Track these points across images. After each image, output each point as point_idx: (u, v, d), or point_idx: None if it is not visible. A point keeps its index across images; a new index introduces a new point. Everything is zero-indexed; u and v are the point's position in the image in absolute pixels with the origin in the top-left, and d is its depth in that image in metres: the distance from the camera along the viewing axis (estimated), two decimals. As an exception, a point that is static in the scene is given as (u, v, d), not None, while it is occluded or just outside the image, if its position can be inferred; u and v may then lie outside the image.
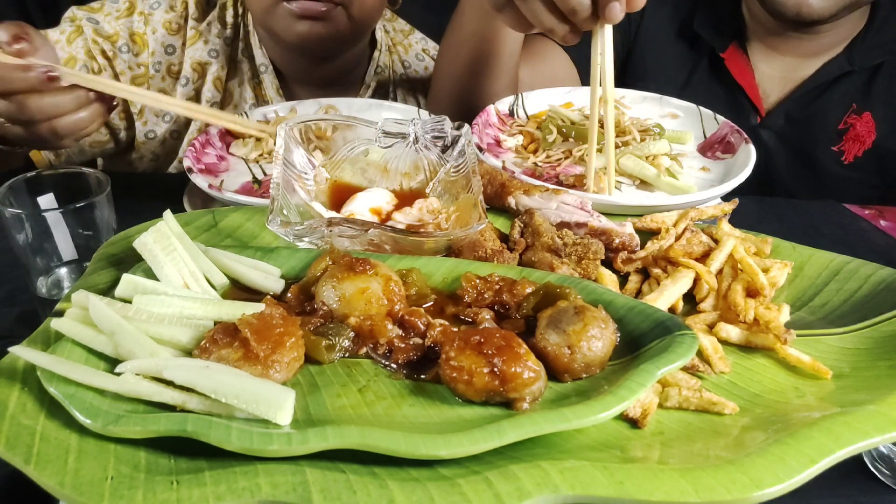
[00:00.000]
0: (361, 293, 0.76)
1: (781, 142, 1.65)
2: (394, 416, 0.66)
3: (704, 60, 1.70)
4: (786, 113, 1.64)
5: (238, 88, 1.61)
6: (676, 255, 0.90)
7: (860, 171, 1.64)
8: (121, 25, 1.50)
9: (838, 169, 1.64)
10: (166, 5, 1.55)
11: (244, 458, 0.59)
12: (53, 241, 0.97)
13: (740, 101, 1.66)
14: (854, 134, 1.61)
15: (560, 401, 0.68)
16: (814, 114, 1.63)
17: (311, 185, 0.97)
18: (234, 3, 1.59)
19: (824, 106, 1.62)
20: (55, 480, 0.56)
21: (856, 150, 1.62)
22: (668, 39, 1.73)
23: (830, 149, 1.63)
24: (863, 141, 1.61)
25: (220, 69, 1.57)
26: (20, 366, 0.67)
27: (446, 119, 0.97)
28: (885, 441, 0.63)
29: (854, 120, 1.61)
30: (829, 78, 1.60)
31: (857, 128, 1.60)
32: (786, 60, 1.64)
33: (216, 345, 0.67)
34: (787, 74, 1.65)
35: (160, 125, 1.57)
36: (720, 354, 0.78)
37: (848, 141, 1.62)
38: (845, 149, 1.63)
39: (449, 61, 1.50)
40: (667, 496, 0.56)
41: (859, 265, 0.92)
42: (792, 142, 1.65)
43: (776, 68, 1.65)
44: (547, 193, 1.02)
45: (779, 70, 1.65)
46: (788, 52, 1.63)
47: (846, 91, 1.61)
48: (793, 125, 1.64)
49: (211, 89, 1.57)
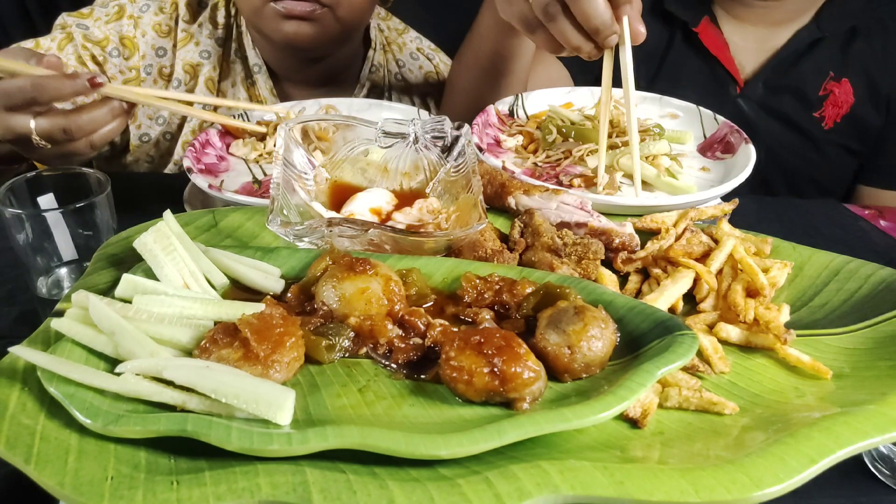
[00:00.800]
0: (361, 293, 0.76)
1: (762, 110, 1.68)
2: (394, 416, 0.66)
3: (679, 36, 1.72)
4: (764, 82, 1.67)
5: (231, 89, 1.61)
6: (676, 255, 0.90)
7: (840, 136, 1.68)
8: (110, 30, 1.50)
9: (819, 134, 1.68)
10: (155, 7, 1.54)
11: (244, 458, 0.59)
12: (53, 241, 0.97)
13: (718, 73, 1.69)
14: (833, 100, 1.65)
15: (560, 401, 0.68)
16: (791, 81, 1.66)
17: (311, 185, 0.97)
18: (225, 3, 1.58)
19: (801, 73, 1.66)
20: (55, 480, 0.56)
21: (835, 115, 1.66)
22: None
23: (811, 115, 1.67)
24: (841, 106, 1.65)
25: (212, 70, 1.57)
26: (20, 366, 0.67)
27: (446, 119, 0.97)
28: (885, 441, 0.63)
29: (833, 86, 1.65)
30: (802, 45, 1.64)
31: (836, 94, 1.65)
32: (757, 30, 1.68)
33: (216, 345, 0.67)
34: (759, 44, 1.68)
35: (154, 128, 1.57)
36: (720, 354, 0.78)
37: (828, 107, 1.66)
38: (825, 114, 1.67)
39: (465, 77, 1.54)
40: (667, 496, 0.56)
41: (859, 265, 0.92)
42: (772, 110, 1.68)
43: (748, 39, 1.69)
44: (547, 193, 1.02)
45: (751, 41, 1.68)
46: (758, 22, 1.67)
47: (822, 58, 1.65)
48: (771, 93, 1.67)
49: (203, 90, 1.56)
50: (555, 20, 1.04)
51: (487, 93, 1.48)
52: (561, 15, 1.03)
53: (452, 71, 1.62)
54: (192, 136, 1.57)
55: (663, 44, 1.74)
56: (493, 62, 1.45)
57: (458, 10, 1.43)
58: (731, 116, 1.36)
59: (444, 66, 1.83)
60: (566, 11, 1.02)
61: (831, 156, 1.69)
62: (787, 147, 1.69)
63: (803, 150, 1.69)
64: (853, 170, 1.74)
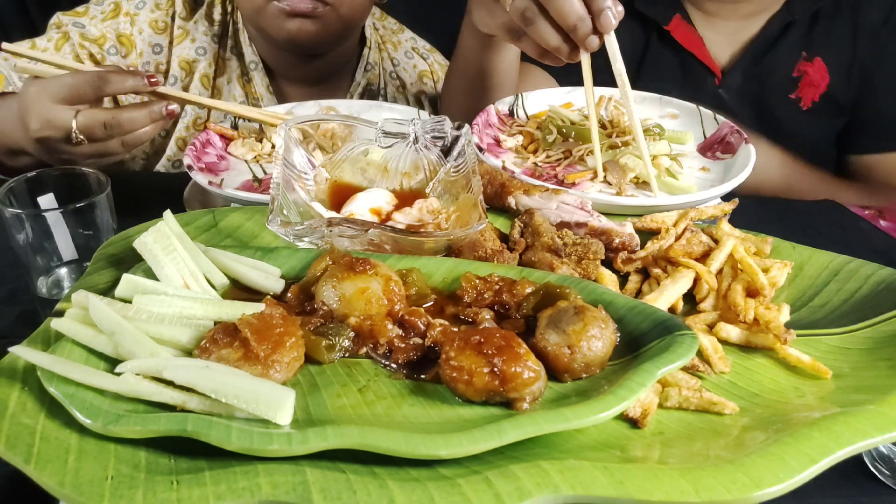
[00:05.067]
0: (361, 293, 0.76)
1: (742, 100, 1.70)
2: (394, 416, 0.66)
3: (654, 36, 1.74)
4: (741, 72, 1.69)
5: (227, 86, 1.61)
6: (676, 255, 0.90)
7: (819, 115, 1.70)
8: (107, 27, 1.50)
9: (798, 115, 1.70)
10: (152, 4, 1.54)
11: (244, 457, 0.59)
12: (53, 241, 0.97)
13: (695, 67, 1.71)
14: (808, 80, 1.67)
15: (560, 401, 0.68)
16: (767, 67, 1.68)
17: (311, 185, 0.97)
18: (221, 0, 1.59)
19: (775, 58, 1.67)
20: (55, 480, 0.56)
21: (812, 94, 1.68)
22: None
23: (788, 97, 1.69)
24: (817, 85, 1.67)
25: (207, 67, 1.58)
26: (20, 366, 0.67)
27: (446, 119, 0.97)
28: (885, 441, 0.63)
29: (806, 66, 1.66)
30: (775, 31, 1.66)
31: (810, 74, 1.66)
32: (728, 24, 1.70)
33: (216, 345, 0.67)
34: (733, 36, 1.70)
35: None
36: (720, 354, 0.78)
37: (804, 87, 1.67)
38: (802, 95, 1.68)
39: (455, 88, 1.58)
40: (667, 496, 0.56)
41: (859, 265, 0.92)
42: (752, 97, 1.70)
43: (721, 32, 1.70)
44: (547, 193, 1.02)
45: (724, 34, 1.70)
46: (729, 16, 1.69)
47: (793, 40, 1.67)
48: (749, 82, 1.69)
49: (198, 86, 1.57)
50: (533, 23, 1.07)
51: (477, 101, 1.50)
52: (539, 17, 1.06)
53: (444, 90, 1.66)
54: (185, 133, 1.57)
55: (640, 45, 1.76)
56: (480, 78, 1.48)
57: (452, 11, 1.44)
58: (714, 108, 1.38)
59: (439, 65, 1.84)
60: (543, 13, 1.05)
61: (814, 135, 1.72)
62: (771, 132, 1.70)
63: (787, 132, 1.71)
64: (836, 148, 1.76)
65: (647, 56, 1.75)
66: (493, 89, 1.49)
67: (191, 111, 1.58)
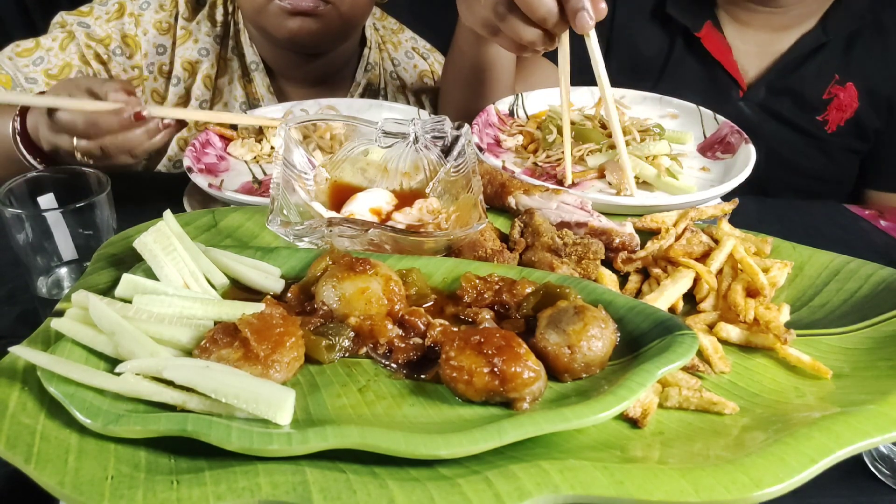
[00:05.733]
0: (361, 293, 0.76)
1: (765, 114, 1.68)
2: (394, 416, 0.66)
3: (680, 41, 1.72)
4: (767, 86, 1.67)
5: (228, 86, 1.61)
6: (676, 255, 0.90)
7: (843, 139, 1.67)
8: (112, 28, 1.50)
9: (822, 138, 1.68)
10: (156, 5, 1.54)
11: (244, 457, 0.59)
12: (53, 241, 0.97)
13: (720, 77, 1.69)
14: (838, 104, 1.64)
15: (560, 401, 0.68)
16: (794, 85, 1.66)
17: (311, 185, 0.97)
18: (223, 1, 1.59)
19: (804, 77, 1.65)
20: (55, 480, 0.56)
21: (839, 119, 1.65)
22: (642, 25, 1.76)
23: (814, 118, 1.66)
24: (846, 110, 1.64)
25: (210, 67, 1.58)
26: (20, 366, 0.67)
27: (446, 119, 0.97)
28: (885, 441, 0.63)
29: (838, 90, 1.63)
30: (806, 49, 1.63)
31: (840, 97, 1.63)
32: (759, 35, 1.67)
33: (216, 345, 0.67)
34: (763, 48, 1.67)
35: None
36: (720, 354, 0.78)
37: (832, 110, 1.65)
38: (829, 118, 1.65)
39: (452, 91, 1.58)
40: (667, 496, 0.56)
41: (859, 265, 0.92)
42: (774, 113, 1.68)
43: (751, 43, 1.68)
44: (547, 193, 1.02)
45: (754, 45, 1.68)
46: (761, 28, 1.66)
47: (825, 61, 1.64)
48: (774, 97, 1.67)
49: (200, 87, 1.57)
50: (505, 19, 1.07)
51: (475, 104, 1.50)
52: (510, 13, 1.06)
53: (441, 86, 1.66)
54: (186, 133, 1.58)
55: (664, 49, 1.73)
56: (474, 74, 1.48)
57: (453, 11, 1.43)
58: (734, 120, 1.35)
59: (439, 65, 1.84)
60: (514, 8, 1.05)
61: (835, 158, 1.69)
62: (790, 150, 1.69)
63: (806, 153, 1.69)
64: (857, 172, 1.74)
65: (671, 60, 1.72)
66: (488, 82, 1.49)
67: None
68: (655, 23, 1.74)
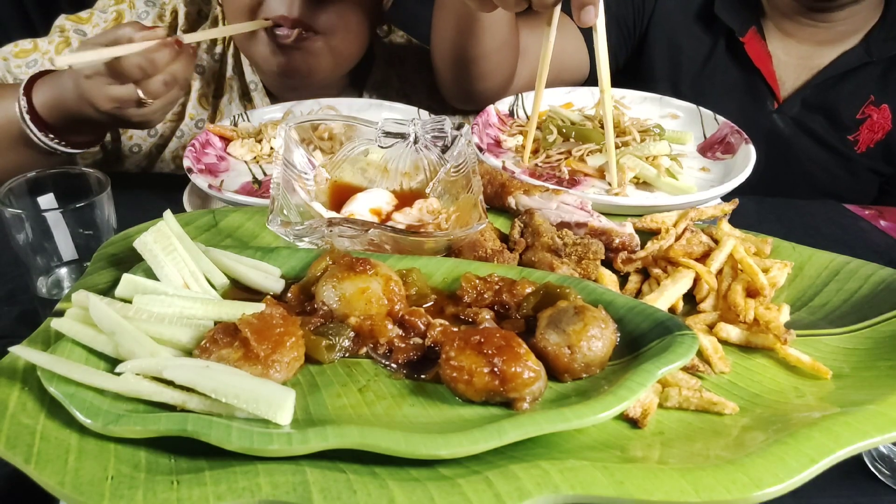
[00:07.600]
0: (361, 293, 0.76)
1: (796, 128, 1.67)
2: (394, 416, 0.66)
3: (722, 44, 1.70)
4: (802, 100, 1.66)
5: (228, 106, 1.59)
6: (676, 255, 0.90)
7: (871, 160, 1.67)
8: None
9: (851, 157, 1.67)
10: (154, 16, 1.53)
11: (244, 457, 0.59)
12: (53, 241, 0.97)
13: (758, 86, 1.67)
14: (870, 124, 1.63)
15: (560, 401, 0.68)
16: (830, 102, 1.64)
17: (311, 185, 0.97)
18: (224, 19, 1.54)
19: (841, 95, 1.64)
20: (55, 480, 0.56)
21: (869, 140, 1.64)
22: (685, 21, 1.74)
23: (845, 137, 1.65)
24: (877, 132, 1.63)
25: (205, 86, 1.56)
26: (20, 366, 0.67)
27: (446, 119, 0.97)
28: (885, 441, 0.63)
29: (872, 111, 1.62)
30: (847, 68, 1.62)
31: (874, 118, 1.62)
32: (802, 48, 1.66)
33: (216, 345, 0.67)
34: (803, 62, 1.66)
35: (147, 140, 1.56)
36: (720, 354, 0.78)
37: (864, 131, 1.64)
38: (860, 138, 1.65)
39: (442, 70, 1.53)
40: (667, 496, 0.56)
41: (859, 265, 0.92)
42: (807, 128, 1.66)
43: (792, 55, 1.67)
44: (547, 193, 1.02)
45: (795, 57, 1.67)
46: (805, 40, 1.65)
47: (863, 81, 1.63)
48: (808, 112, 1.66)
49: (196, 107, 1.55)
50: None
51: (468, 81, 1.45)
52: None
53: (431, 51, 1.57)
54: (187, 131, 1.56)
55: (706, 49, 1.72)
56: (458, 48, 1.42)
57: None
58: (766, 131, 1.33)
59: None
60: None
61: (859, 178, 1.68)
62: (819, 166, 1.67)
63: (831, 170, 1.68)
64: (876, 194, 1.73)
65: (711, 62, 1.72)
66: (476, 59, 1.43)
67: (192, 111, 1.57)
68: (700, 22, 1.72)
